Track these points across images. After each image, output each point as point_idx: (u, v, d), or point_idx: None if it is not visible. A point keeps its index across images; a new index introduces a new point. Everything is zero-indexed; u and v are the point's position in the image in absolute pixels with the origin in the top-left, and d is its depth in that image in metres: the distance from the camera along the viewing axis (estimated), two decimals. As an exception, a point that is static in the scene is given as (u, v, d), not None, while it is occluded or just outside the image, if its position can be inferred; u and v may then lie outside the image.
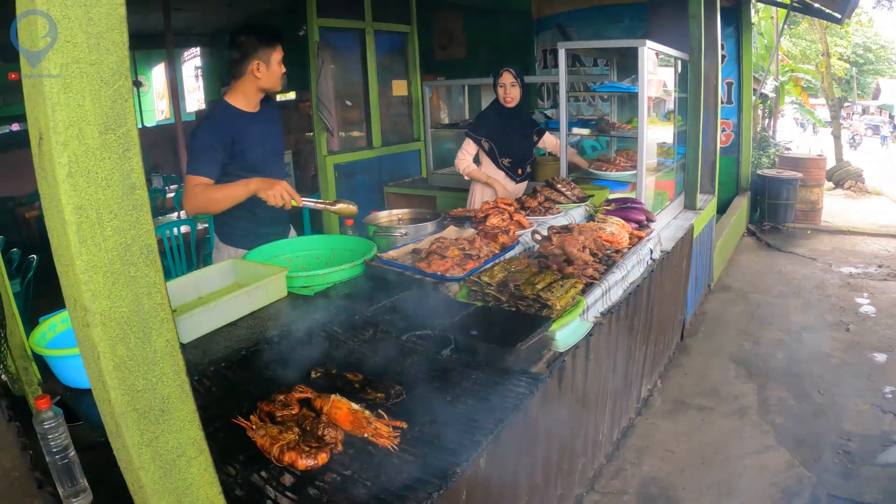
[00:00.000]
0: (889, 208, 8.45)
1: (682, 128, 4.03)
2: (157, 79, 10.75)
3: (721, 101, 5.37)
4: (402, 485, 1.13)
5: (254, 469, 1.17)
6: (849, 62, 20.63)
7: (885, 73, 25.30)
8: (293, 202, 2.15)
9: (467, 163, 3.53)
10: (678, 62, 3.84)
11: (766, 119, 10.86)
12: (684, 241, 3.42)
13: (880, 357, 3.67)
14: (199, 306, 1.69)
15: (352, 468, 1.18)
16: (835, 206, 8.35)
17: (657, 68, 3.43)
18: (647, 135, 3.24)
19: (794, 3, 6.62)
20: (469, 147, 3.53)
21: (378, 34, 5.21)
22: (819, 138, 15.74)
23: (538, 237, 2.38)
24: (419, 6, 5.56)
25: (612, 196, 3.29)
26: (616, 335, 2.34)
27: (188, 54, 10.49)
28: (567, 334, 1.89)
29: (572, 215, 2.93)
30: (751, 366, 3.59)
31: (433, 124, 5.29)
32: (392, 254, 2.22)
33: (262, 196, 2.14)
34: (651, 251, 2.78)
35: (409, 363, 1.54)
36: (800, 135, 19.05)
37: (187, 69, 10.64)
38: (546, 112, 6.31)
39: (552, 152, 3.98)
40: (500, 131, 3.50)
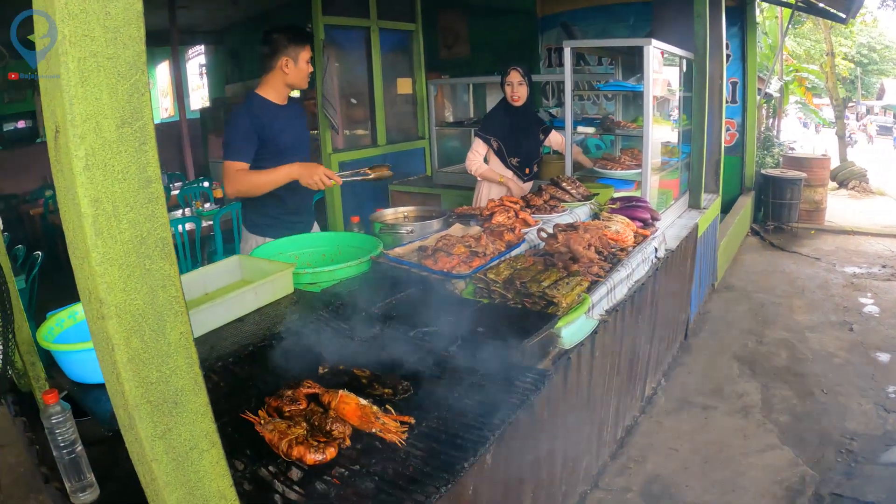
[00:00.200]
0: (893, 208, 8.41)
1: (687, 127, 4.02)
2: (161, 76, 10.76)
3: (725, 101, 5.35)
4: (409, 479, 1.13)
5: (262, 463, 1.17)
6: (853, 62, 20.50)
7: (889, 73, 25.12)
8: (332, 182, 2.27)
9: (478, 163, 3.52)
10: (683, 61, 3.84)
11: (770, 119, 10.82)
12: (689, 240, 3.42)
13: (884, 357, 3.67)
14: (206, 303, 1.69)
15: (360, 463, 1.19)
16: (839, 206, 8.33)
17: (662, 67, 3.43)
18: (652, 133, 3.24)
19: (798, 3, 6.59)
20: (479, 147, 3.53)
21: (383, 32, 5.20)
22: (822, 137, 15.68)
23: (544, 235, 2.39)
24: (424, 4, 5.55)
25: (617, 195, 3.29)
26: (621, 333, 2.34)
27: (192, 52, 10.49)
28: (572, 331, 1.90)
29: (578, 213, 2.94)
30: (754, 365, 3.59)
31: (438, 122, 5.28)
32: (398, 251, 2.22)
33: (303, 183, 2.28)
34: (656, 250, 2.78)
35: (417, 359, 1.54)
36: (803, 134, 18.99)
37: (191, 67, 10.63)
38: (551, 111, 6.31)
39: (557, 150, 3.98)
40: (508, 130, 3.50)
